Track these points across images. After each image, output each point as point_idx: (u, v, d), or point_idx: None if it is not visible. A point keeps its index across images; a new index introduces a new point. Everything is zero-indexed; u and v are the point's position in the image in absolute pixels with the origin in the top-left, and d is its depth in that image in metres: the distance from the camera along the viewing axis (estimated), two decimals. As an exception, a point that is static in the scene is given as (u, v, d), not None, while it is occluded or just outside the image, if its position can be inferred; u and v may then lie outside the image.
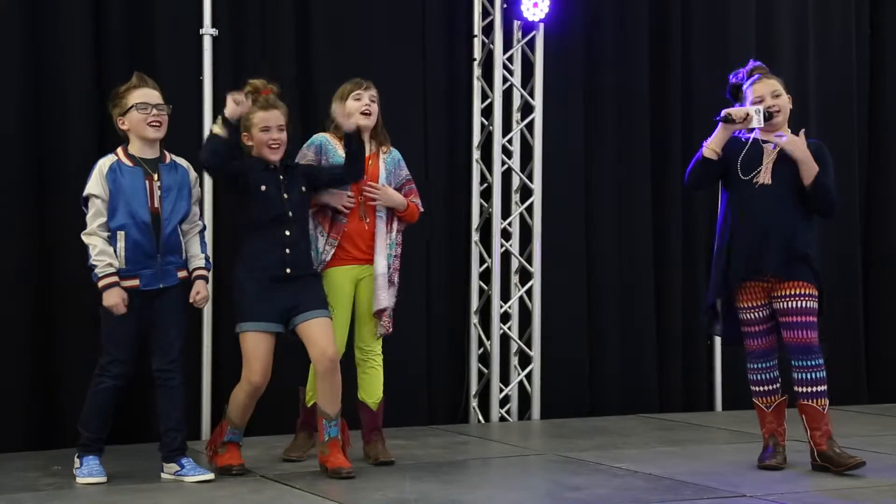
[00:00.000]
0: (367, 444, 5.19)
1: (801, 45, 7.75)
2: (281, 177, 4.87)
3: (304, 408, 5.22)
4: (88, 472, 4.66)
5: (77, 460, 4.72)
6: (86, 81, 5.66)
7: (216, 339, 5.89)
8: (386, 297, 5.09)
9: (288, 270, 4.79)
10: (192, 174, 4.86)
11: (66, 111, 5.64)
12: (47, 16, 5.65)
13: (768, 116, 4.99)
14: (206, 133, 4.84)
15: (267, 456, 5.25)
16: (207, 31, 5.93)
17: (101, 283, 4.60)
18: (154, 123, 4.73)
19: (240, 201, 4.89)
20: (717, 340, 7.31)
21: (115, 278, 4.60)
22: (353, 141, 4.93)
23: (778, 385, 5.12)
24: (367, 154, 5.09)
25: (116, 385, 4.68)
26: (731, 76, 5.30)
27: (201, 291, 4.80)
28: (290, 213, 4.84)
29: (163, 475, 4.78)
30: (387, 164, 5.19)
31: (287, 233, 4.82)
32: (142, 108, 4.71)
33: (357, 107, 5.09)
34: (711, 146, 5.02)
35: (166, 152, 4.81)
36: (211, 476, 4.75)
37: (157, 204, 4.69)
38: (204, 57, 5.93)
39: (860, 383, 7.84)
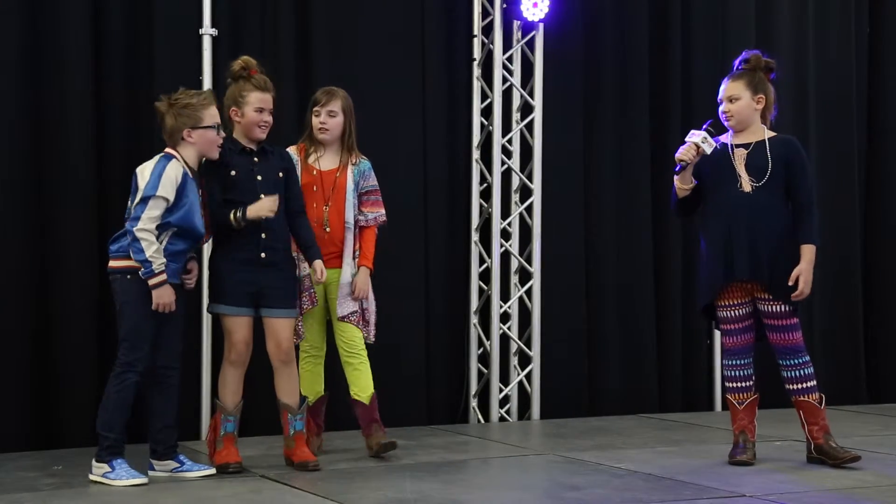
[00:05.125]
0: (368, 437, 5.26)
1: (801, 45, 7.75)
2: (256, 159, 4.93)
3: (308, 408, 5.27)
4: (128, 474, 4.55)
5: (103, 465, 4.58)
6: (86, 81, 5.66)
7: (216, 340, 5.88)
8: (348, 305, 5.20)
9: (263, 255, 4.86)
10: None
11: (66, 111, 5.64)
12: (47, 16, 5.65)
13: (711, 130, 5.07)
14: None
15: (267, 456, 5.24)
16: (207, 31, 5.93)
17: (154, 280, 4.54)
18: (220, 148, 4.79)
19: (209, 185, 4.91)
20: (717, 340, 7.31)
21: (166, 276, 4.60)
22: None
23: (751, 383, 5.19)
24: (335, 166, 5.24)
25: (140, 381, 4.63)
26: (735, 61, 5.30)
27: (193, 270, 4.83)
28: (263, 196, 4.86)
29: (154, 473, 4.74)
30: (354, 175, 5.27)
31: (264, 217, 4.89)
32: (219, 129, 4.74)
33: (315, 123, 5.26)
34: (680, 184, 5.15)
35: None
36: (213, 471, 4.77)
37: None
38: (204, 57, 5.92)
39: (860, 383, 7.84)
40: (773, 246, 5.02)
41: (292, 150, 5.28)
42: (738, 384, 5.17)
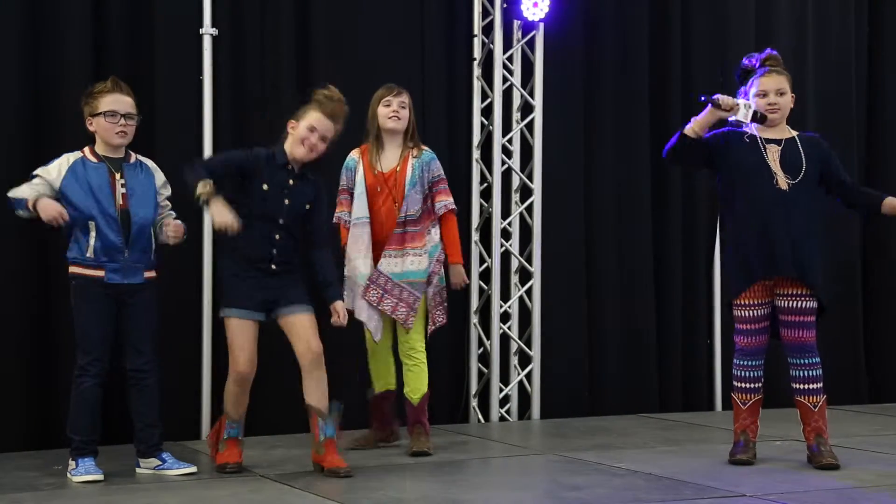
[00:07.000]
0: (410, 435, 5.46)
1: (801, 45, 7.74)
2: (291, 181, 4.85)
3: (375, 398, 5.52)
4: (85, 470, 4.68)
5: (72, 462, 4.74)
6: (86, 81, 5.64)
7: (216, 340, 5.88)
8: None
9: (273, 267, 4.85)
10: (160, 176, 4.94)
11: (66, 111, 5.64)
12: (47, 16, 5.66)
13: (760, 117, 5.00)
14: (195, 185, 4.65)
15: (267, 456, 5.25)
16: (207, 31, 5.94)
17: (30, 203, 4.62)
18: (120, 133, 4.80)
19: (236, 197, 4.82)
20: (717, 340, 7.32)
21: (35, 192, 4.67)
22: None
23: (759, 385, 5.17)
24: (395, 164, 5.35)
25: (98, 384, 4.73)
26: (745, 59, 5.29)
27: (176, 224, 4.88)
28: (282, 221, 4.83)
29: (140, 470, 4.83)
30: (414, 167, 5.37)
31: (277, 236, 4.83)
32: (110, 115, 4.77)
33: (385, 112, 5.36)
34: (694, 126, 5.07)
35: (131, 152, 4.89)
36: (193, 469, 4.80)
37: (121, 201, 4.75)
38: (204, 57, 5.93)
39: (860, 383, 7.84)
40: (810, 243, 5.02)
41: (354, 154, 5.39)
42: (746, 384, 5.14)
